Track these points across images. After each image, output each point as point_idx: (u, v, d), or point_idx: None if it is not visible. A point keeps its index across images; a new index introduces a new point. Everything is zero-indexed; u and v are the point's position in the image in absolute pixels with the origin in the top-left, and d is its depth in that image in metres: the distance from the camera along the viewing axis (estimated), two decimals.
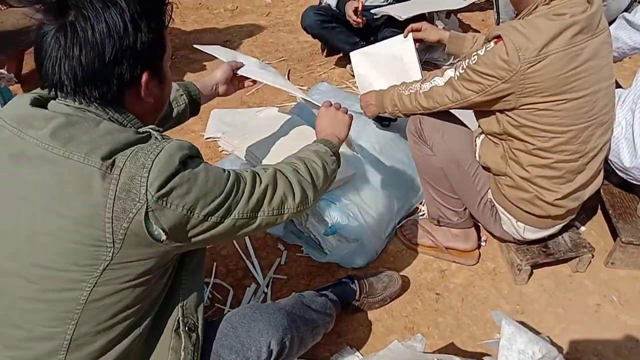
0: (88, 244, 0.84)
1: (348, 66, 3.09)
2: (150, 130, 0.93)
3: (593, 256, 1.83)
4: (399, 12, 2.68)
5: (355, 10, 2.69)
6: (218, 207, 0.92)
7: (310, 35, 3.02)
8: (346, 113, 1.42)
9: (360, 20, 2.69)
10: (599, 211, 2.08)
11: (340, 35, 2.88)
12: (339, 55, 3.19)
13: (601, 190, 1.94)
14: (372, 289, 1.68)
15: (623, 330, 1.66)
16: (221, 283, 1.79)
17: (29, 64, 3.13)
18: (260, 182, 1.02)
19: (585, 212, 2.05)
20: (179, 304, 1.05)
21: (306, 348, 1.32)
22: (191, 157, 0.92)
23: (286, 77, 3.05)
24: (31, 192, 0.85)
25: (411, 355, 1.21)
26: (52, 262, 0.85)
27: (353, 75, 3.01)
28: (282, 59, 3.28)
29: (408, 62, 2.09)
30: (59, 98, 0.91)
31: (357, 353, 1.57)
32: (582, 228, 2.02)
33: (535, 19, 1.39)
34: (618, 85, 2.01)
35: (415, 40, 2.06)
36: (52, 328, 0.89)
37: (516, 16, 1.53)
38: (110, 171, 0.83)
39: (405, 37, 2.08)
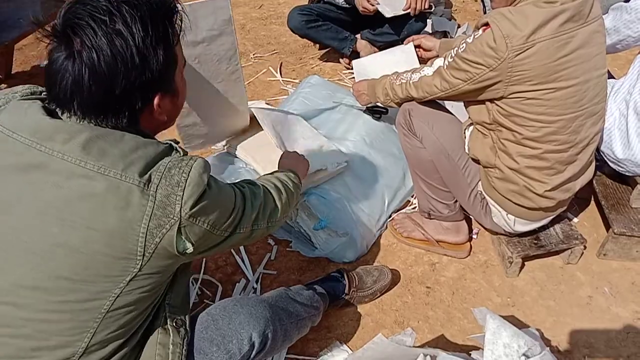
0: (118, 257, 0.87)
1: (340, 59, 3.07)
2: (171, 143, 0.97)
3: (585, 248, 1.81)
4: (386, 8, 2.65)
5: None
6: (231, 222, 1.01)
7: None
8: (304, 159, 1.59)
9: (371, 8, 2.65)
10: (592, 202, 2.07)
11: (327, 32, 2.86)
12: (331, 48, 3.16)
13: (594, 181, 1.92)
14: (362, 283, 1.67)
15: (615, 322, 1.65)
16: (210, 279, 1.78)
17: (18, 59, 3.11)
18: (257, 198, 1.12)
19: (578, 203, 2.04)
20: (166, 301, 1.08)
21: (291, 341, 1.31)
22: (210, 177, 0.96)
23: (278, 70, 3.03)
24: (52, 204, 0.85)
25: (396, 349, 1.20)
26: (76, 274, 0.86)
27: (346, 68, 3.01)
28: (275, 51, 3.25)
29: (408, 62, 2.10)
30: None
31: (347, 348, 1.56)
32: (575, 219, 2.00)
33: (524, 7, 1.37)
34: (610, 76, 1.98)
35: (416, 46, 2.12)
36: (69, 337, 0.89)
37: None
38: (147, 187, 0.86)
39: (406, 44, 2.15)
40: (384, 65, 2.12)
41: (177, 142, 0.99)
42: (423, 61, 1.95)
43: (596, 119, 1.51)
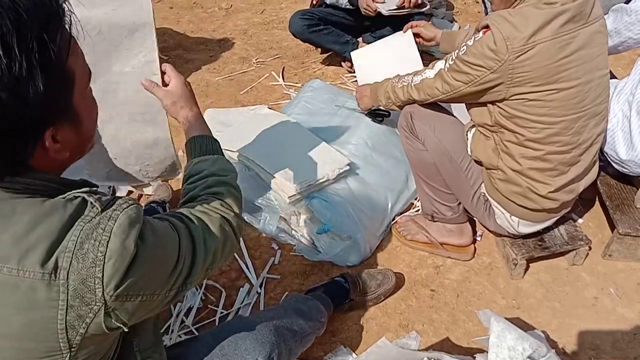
0: (40, 356, 0.72)
1: (343, 63, 3.08)
2: (83, 195, 0.73)
3: (590, 248, 1.80)
4: (384, 6, 2.66)
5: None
6: (176, 281, 0.83)
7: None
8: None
9: (374, 6, 2.66)
10: (597, 203, 2.05)
11: (329, 36, 2.88)
12: (333, 52, 3.17)
13: (598, 182, 1.91)
14: (366, 287, 1.66)
15: (621, 323, 1.63)
16: (214, 284, 1.77)
17: None
18: (211, 237, 0.92)
19: (582, 204, 2.03)
20: (135, 348, 0.96)
21: (296, 356, 1.31)
22: (143, 229, 0.76)
23: (280, 74, 3.03)
24: None
25: (400, 353, 1.20)
26: None
27: (348, 72, 3.01)
28: (277, 56, 3.26)
29: (408, 54, 2.09)
30: None
31: (351, 352, 1.56)
32: (579, 220, 1.99)
33: (524, 9, 1.37)
34: (613, 76, 1.97)
35: (415, 35, 2.09)
36: None
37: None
38: (55, 277, 0.67)
39: (404, 32, 2.11)
40: (383, 55, 2.12)
41: (93, 186, 0.78)
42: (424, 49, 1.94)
43: (599, 119, 1.51)
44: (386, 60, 2.12)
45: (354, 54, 2.28)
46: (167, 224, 0.84)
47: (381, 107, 1.90)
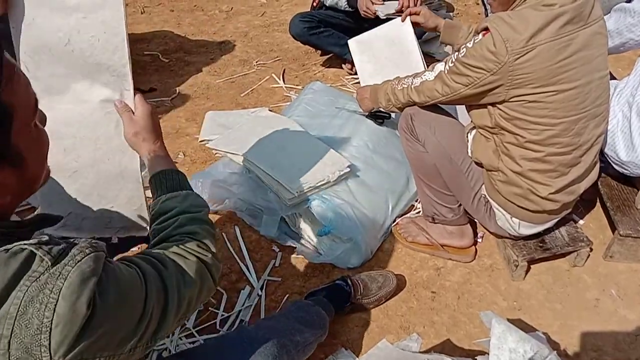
0: None
1: (343, 65, 3.08)
2: (30, 248, 0.64)
3: (591, 250, 1.80)
4: (382, 9, 2.65)
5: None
6: (144, 333, 0.74)
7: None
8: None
9: (373, 9, 2.64)
10: (597, 204, 2.05)
11: (329, 39, 2.89)
12: (333, 54, 3.18)
13: (599, 183, 1.91)
14: (367, 290, 1.66)
15: (623, 325, 1.63)
16: None
17: None
18: (187, 283, 0.85)
19: (584, 205, 2.02)
20: None
21: None
22: (103, 283, 0.67)
23: (281, 77, 3.04)
24: None
25: (401, 355, 1.20)
26: None
27: (349, 74, 3.02)
28: (277, 58, 3.27)
29: (407, 46, 2.09)
30: None
31: (352, 354, 1.56)
32: (580, 221, 1.99)
33: (523, 10, 1.37)
34: (612, 77, 1.97)
35: (413, 24, 2.07)
36: None
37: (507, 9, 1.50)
38: None
39: (403, 20, 2.08)
40: (382, 46, 2.10)
41: (45, 238, 0.67)
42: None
43: (599, 120, 1.51)
44: (384, 52, 2.10)
45: (350, 42, 2.23)
46: (135, 272, 0.75)
47: (381, 109, 1.90)
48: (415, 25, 2.07)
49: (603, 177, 1.93)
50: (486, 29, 1.39)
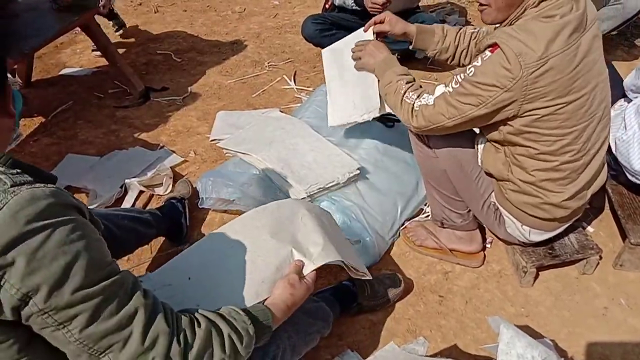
0: None
1: None
2: None
3: (601, 258, 1.79)
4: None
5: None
6: (73, 302, 0.73)
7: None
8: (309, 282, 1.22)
9: (380, 1, 2.58)
10: (608, 212, 2.04)
11: None
12: None
13: (610, 191, 1.90)
14: (374, 292, 1.66)
15: (631, 335, 1.62)
16: None
17: (38, 67, 3.18)
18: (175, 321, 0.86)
19: (594, 212, 2.02)
20: None
21: (300, 355, 1.32)
22: (65, 208, 0.71)
23: (292, 78, 3.05)
24: None
25: (408, 358, 1.20)
26: None
27: None
28: (289, 60, 3.28)
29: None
30: None
31: (359, 356, 1.56)
32: (590, 229, 1.98)
33: (526, 23, 1.35)
34: (618, 75, 1.98)
35: (378, 34, 1.86)
36: None
37: (502, 22, 1.46)
38: None
39: (365, 30, 1.89)
40: (348, 57, 1.90)
41: (9, 160, 0.74)
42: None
43: (605, 122, 1.51)
44: (350, 64, 1.91)
45: (324, 52, 2.11)
46: (116, 266, 0.78)
47: (392, 112, 1.88)
48: (380, 34, 1.86)
49: (614, 185, 1.92)
50: (493, 45, 1.36)
